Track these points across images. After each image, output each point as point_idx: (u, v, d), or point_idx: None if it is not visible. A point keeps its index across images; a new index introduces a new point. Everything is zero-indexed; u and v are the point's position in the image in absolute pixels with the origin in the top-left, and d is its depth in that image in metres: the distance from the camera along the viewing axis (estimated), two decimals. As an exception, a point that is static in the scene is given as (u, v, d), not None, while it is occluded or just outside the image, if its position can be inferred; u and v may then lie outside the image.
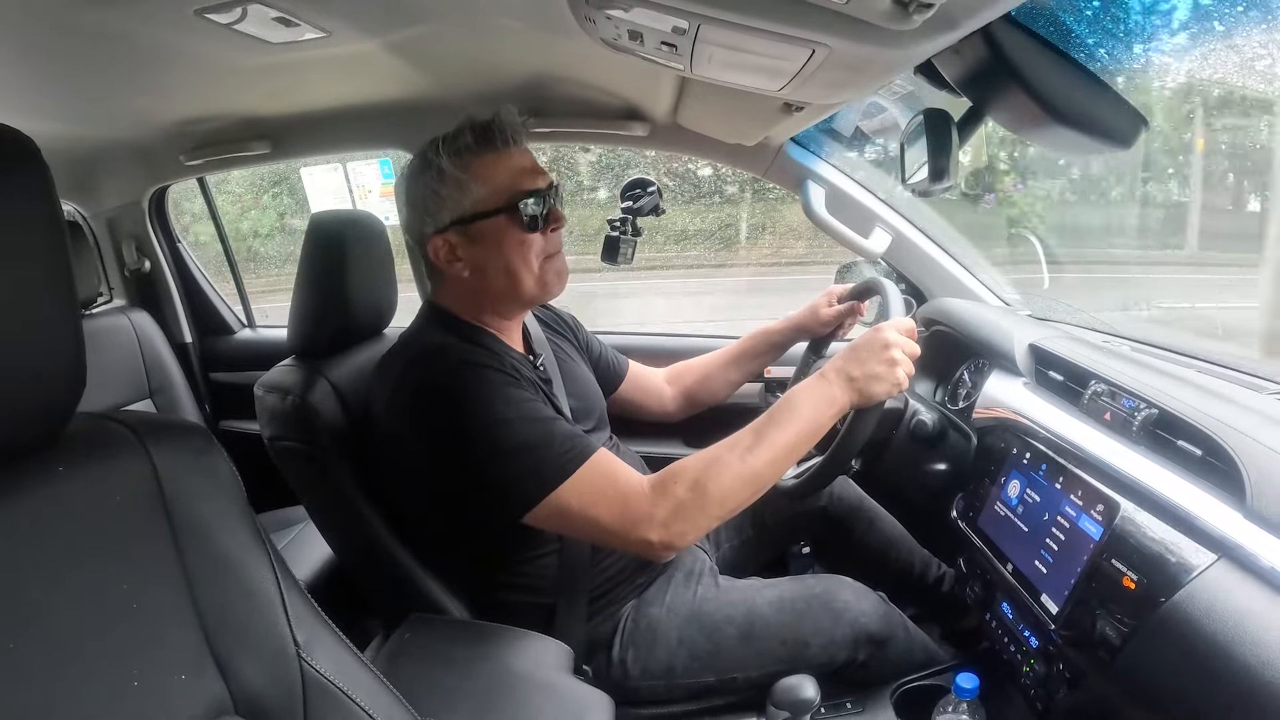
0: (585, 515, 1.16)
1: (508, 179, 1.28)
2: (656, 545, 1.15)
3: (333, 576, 1.90)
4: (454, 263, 1.30)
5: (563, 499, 1.15)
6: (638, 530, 1.15)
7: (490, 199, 1.27)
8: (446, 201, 1.27)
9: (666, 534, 1.14)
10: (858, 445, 1.31)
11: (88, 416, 0.72)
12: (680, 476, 1.17)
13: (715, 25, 0.87)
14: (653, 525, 1.14)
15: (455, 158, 1.26)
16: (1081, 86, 1.02)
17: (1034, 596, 1.14)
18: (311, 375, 1.36)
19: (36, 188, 0.61)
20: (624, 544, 1.18)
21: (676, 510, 1.15)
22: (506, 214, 1.27)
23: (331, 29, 1.31)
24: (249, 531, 0.78)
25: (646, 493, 1.16)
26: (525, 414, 1.18)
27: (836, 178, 1.93)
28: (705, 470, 1.17)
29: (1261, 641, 0.79)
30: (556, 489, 1.14)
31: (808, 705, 1.16)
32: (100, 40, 1.30)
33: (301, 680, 0.77)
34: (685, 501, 1.15)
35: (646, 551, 1.17)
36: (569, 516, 1.16)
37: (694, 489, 1.15)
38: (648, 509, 1.15)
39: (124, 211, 2.47)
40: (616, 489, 1.17)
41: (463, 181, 1.26)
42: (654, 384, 1.84)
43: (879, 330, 1.26)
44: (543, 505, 1.15)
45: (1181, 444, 1.06)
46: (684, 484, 1.16)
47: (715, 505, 1.16)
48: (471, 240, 1.29)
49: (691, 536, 1.17)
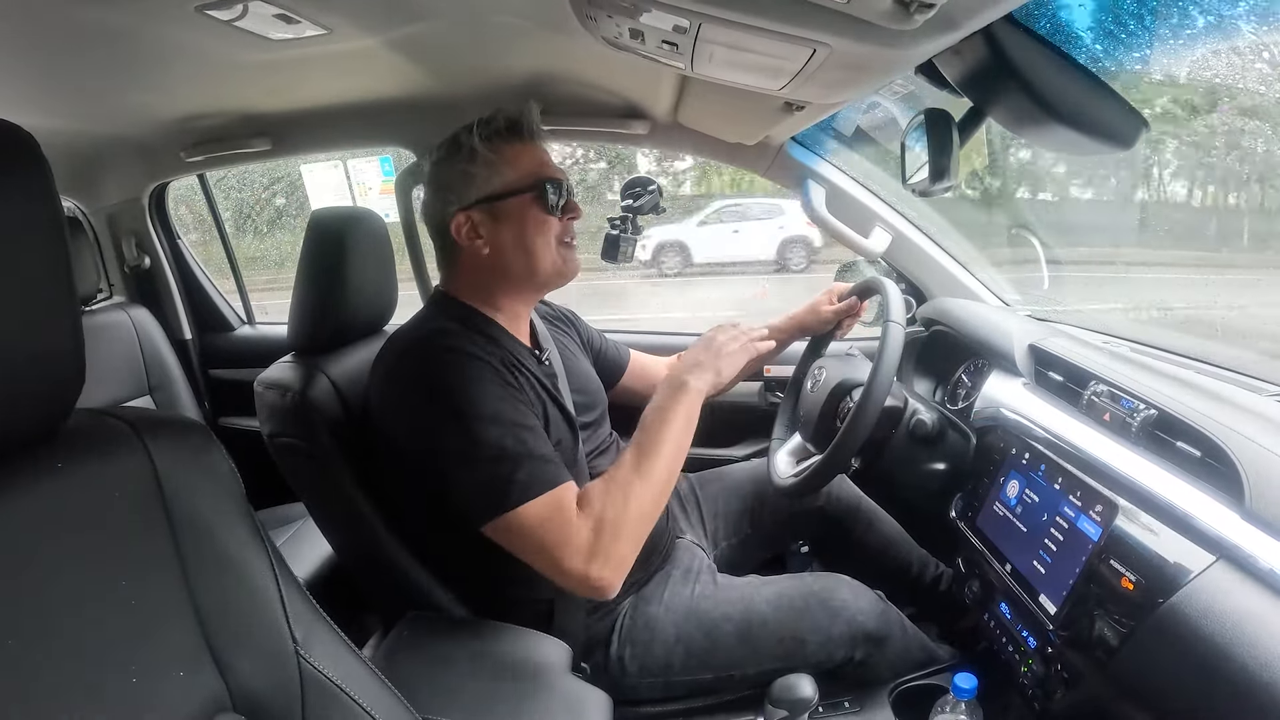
0: (534, 540, 1.15)
1: (532, 166, 1.33)
2: (593, 580, 1.14)
3: (331, 574, 1.90)
4: (475, 240, 1.32)
5: (520, 517, 1.13)
6: (577, 568, 1.14)
7: (517, 181, 1.31)
8: (476, 179, 1.30)
9: (602, 570, 1.14)
10: (857, 443, 1.31)
11: (87, 413, 0.72)
12: (597, 524, 1.16)
13: (716, 24, 0.87)
14: (593, 565, 1.13)
15: (487, 140, 1.30)
16: (1082, 87, 1.02)
17: (1032, 597, 1.14)
18: (311, 372, 1.36)
19: (36, 184, 0.61)
20: (564, 580, 1.16)
21: (607, 554, 1.14)
22: (532, 195, 1.31)
23: (332, 26, 1.31)
24: (248, 528, 0.78)
25: (586, 538, 1.15)
26: (508, 416, 1.17)
27: (837, 177, 1.93)
28: (607, 505, 1.17)
29: (1259, 643, 0.79)
30: (518, 507, 1.13)
31: (805, 704, 1.16)
32: (101, 36, 1.30)
33: (300, 677, 0.77)
34: (609, 543, 1.14)
35: (580, 586, 1.15)
36: (522, 536, 1.15)
37: (612, 528, 1.15)
38: (585, 552, 1.14)
39: (124, 208, 2.46)
40: (570, 528, 1.15)
41: (493, 163, 1.30)
42: (657, 373, 1.84)
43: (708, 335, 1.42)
44: (499, 521, 1.14)
45: (1180, 445, 1.06)
46: (606, 529, 1.15)
47: (636, 525, 1.18)
48: (495, 218, 1.31)
49: (629, 562, 1.17)
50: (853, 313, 1.72)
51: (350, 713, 0.79)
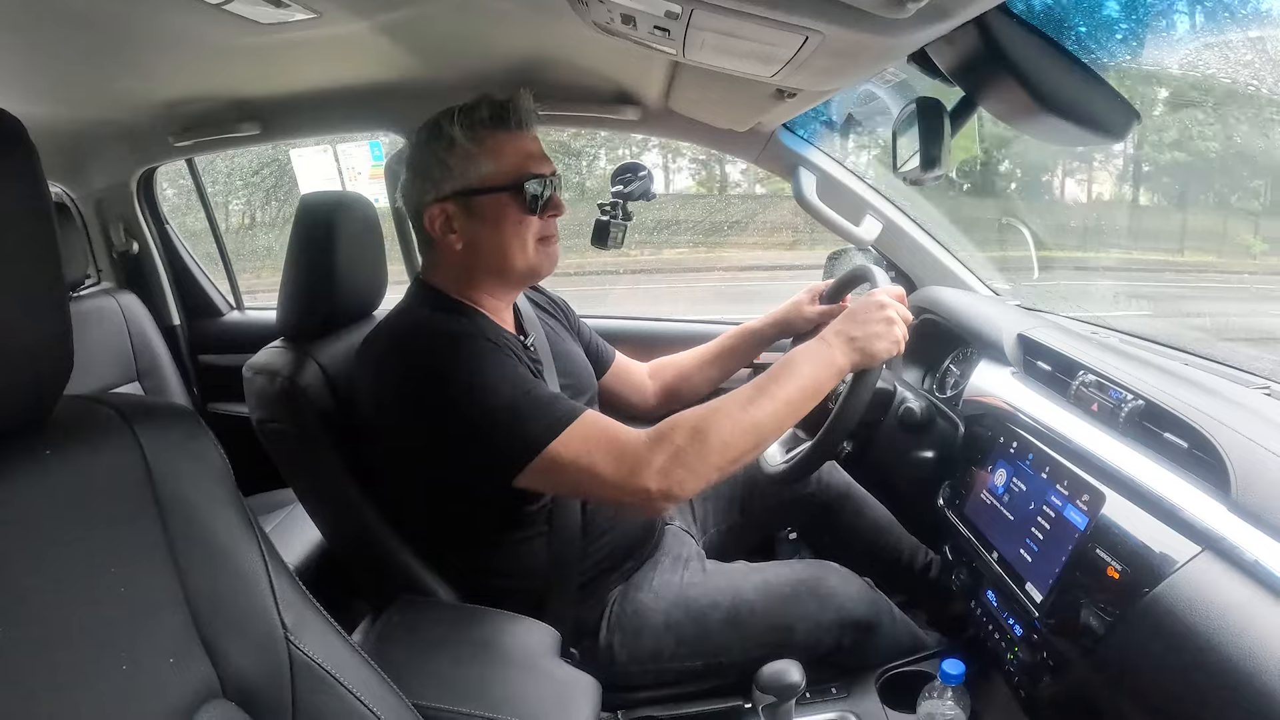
0: (579, 466, 1.14)
1: (516, 159, 1.28)
2: (655, 494, 1.13)
3: (321, 559, 1.89)
4: (449, 234, 1.30)
5: (555, 453, 1.13)
6: (635, 479, 1.13)
7: (496, 176, 1.27)
8: (453, 171, 1.27)
9: (665, 482, 1.12)
10: (847, 428, 1.31)
11: (75, 399, 0.71)
12: (679, 425, 1.15)
13: (709, 10, 0.87)
14: (650, 473, 1.12)
15: (469, 130, 1.26)
16: (1075, 78, 1.02)
17: (1019, 585, 1.15)
18: (300, 357, 1.36)
19: (24, 169, 0.60)
20: (621, 494, 1.15)
21: (675, 457, 1.13)
22: (510, 193, 1.27)
23: (321, 10, 1.30)
24: (237, 514, 0.78)
25: (644, 441, 1.15)
26: (509, 376, 1.18)
27: (828, 164, 1.93)
28: (705, 418, 1.15)
29: (1243, 634, 0.80)
30: (549, 445, 1.13)
31: (793, 690, 1.17)
32: (89, 20, 1.29)
33: (289, 663, 0.77)
34: (684, 448, 1.13)
35: (644, 501, 1.14)
36: (563, 471, 1.15)
37: (693, 436, 1.13)
38: (645, 455, 1.13)
39: (112, 193, 2.44)
40: (610, 439, 1.16)
41: (472, 154, 1.27)
42: (637, 377, 1.83)
43: (873, 294, 1.28)
44: (536, 462, 1.13)
45: (1168, 436, 1.07)
46: (683, 431, 1.14)
47: (715, 453, 1.14)
48: (470, 213, 1.28)
49: (691, 485, 1.14)
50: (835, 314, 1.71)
51: (340, 698, 0.79)
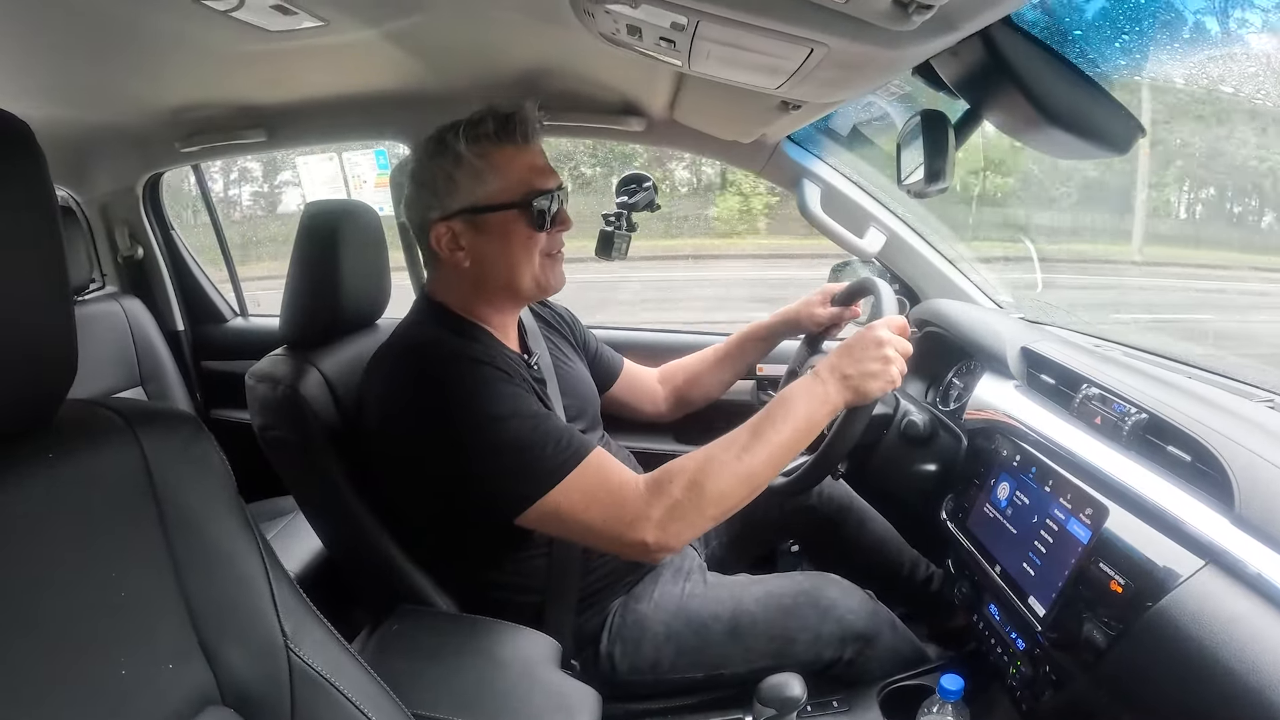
0: (578, 519, 1.15)
1: (523, 174, 1.27)
2: (651, 547, 1.13)
3: (322, 567, 1.89)
4: (455, 252, 1.28)
5: (555, 501, 1.13)
6: (632, 532, 1.13)
7: (504, 192, 1.26)
8: (459, 187, 1.26)
9: (662, 535, 1.13)
10: (847, 446, 1.31)
11: (78, 403, 0.71)
12: (676, 476, 1.15)
13: (714, 22, 0.87)
14: (648, 526, 1.13)
15: (474, 145, 1.25)
16: (1079, 91, 1.02)
17: (1021, 598, 1.14)
18: (303, 365, 1.35)
19: (30, 172, 0.60)
20: (618, 547, 1.17)
21: (672, 510, 1.13)
22: (519, 209, 1.26)
23: (329, 18, 1.31)
24: (238, 521, 0.78)
25: (641, 492, 1.15)
26: (519, 410, 1.17)
27: (832, 176, 1.93)
28: (701, 469, 1.15)
29: (1247, 647, 0.79)
30: (549, 491, 1.13)
31: (794, 703, 1.16)
32: (97, 25, 1.30)
33: (289, 670, 0.77)
34: (681, 501, 1.13)
35: (641, 554, 1.16)
36: (562, 520, 1.15)
37: (690, 489, 1.14)
38: (643, 509, 1.13)
39: (118, 197, 2.45)
40: (610, 490, 1.15)
41: (479, 170, 1.25)
42: (647, 384, 1.83)
43: (871, 328, 1.25)
44: (535, 508, 1.14)
45: (1171, 449, 1.07)
46: (680, 484, 1.14)
47: (711, 505, 1.15)
48: (478, 230, 1.27)
49: (687, 537, 1.16)
50: (847, 318, 1.71)
51: (338, 706, 0.79)
